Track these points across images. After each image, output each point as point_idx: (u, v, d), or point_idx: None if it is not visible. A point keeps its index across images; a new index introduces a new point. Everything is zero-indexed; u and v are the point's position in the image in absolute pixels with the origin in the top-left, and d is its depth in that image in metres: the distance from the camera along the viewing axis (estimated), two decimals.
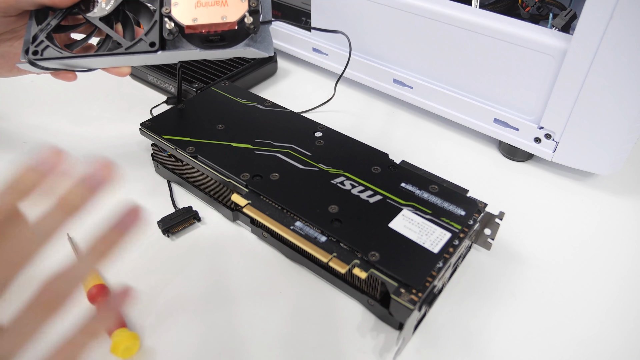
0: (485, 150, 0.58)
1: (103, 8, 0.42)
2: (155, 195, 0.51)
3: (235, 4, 0.39)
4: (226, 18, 0.39)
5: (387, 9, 0.57)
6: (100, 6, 0.42)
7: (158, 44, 0.40)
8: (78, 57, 0.41)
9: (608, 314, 0.40)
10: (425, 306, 0.37)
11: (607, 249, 0.46)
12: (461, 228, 0.39)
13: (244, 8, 0.39)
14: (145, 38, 0.41)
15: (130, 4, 0.43)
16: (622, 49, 0.43)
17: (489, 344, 0.38)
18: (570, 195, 0.52)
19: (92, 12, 0.42)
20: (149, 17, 0.42)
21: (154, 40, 0.40)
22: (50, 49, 0.41)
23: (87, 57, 0.41)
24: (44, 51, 0.41)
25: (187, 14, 0.39)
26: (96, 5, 0.42)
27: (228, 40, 0.41)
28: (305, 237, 0.39)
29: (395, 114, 0.64)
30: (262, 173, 0.44)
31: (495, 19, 0.51)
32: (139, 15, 0.43)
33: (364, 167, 0.45)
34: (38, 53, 0.41)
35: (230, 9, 0.39)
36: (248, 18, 0.39)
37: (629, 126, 0.46)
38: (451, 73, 0.56)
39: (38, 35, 0.41)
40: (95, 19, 0.42)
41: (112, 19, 0.43)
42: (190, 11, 0.39)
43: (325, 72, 0.71)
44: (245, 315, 0.40)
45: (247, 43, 0.41)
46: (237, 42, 0.41)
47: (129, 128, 0.59)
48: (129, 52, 0.41)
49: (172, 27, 0.39)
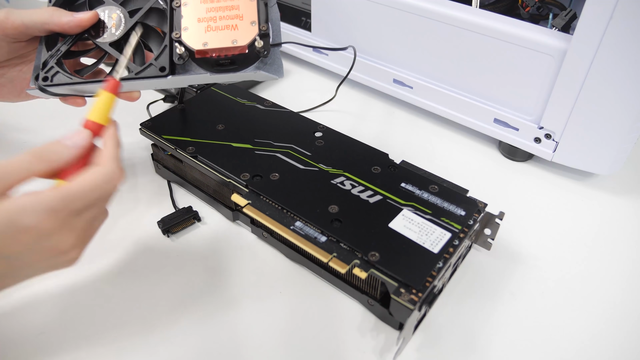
0: (485, 150, 0.58)
1: (113, 33, 0.42)
2: (155, 195, 0.51)
3: (245, 28, 0.39)
4: (237, 42, 0.39)
5: (387, 9, 0.57)
6: (110, 31, 0.42)
7: (168, 68, 0.40)
8: (88, 82, 0.41)
9: (608, 314, 0.40)
10: (425, 306, 0.37)
11: (607, 248, 0.46)
12: (461, 228, 0.39)
13: (254, 32, 0.39)
14: (155, 63, 0.41)
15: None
16: (622, 49, 0.43)
17: (489, 344, 0.38)
18: (570, 195, 0.52)
19: (101, 37, 0.42)
20: (159, 41, 0.42)
21: (164, 64, 0.40)
22: (60, 74, 0.41)
23: (97, 82, 0.41)
24: (53, 77, 0.41)
25: (197, 38, 0.39)
26: (106, 30, 0.42)
27: (238, 63, 0.40)
28: (305, 237, 0.39)
29: (395, 114, 0.64)
30: (262, 173, 0.44)
31: (495, 19, 0.51)
32: (149, 39, 0.43)
33: (364, 167, 0.45)
34: (48, 79, 0.41)
35: (240, 32, 0.39)
36: (259, 42, 0.39)
37: (629, 126, 0.46)
38: (451, 73, 0.56)
39: (48, 61, 0.41)
40: (105, 45, 0.42)
41: (122, 43, 0.42)
42: (201, 35, 0.39)
43: (325, 72, 0.71)
44: (245, 315, 0.40)
45: (258, 66, 0.40)
46: (247, 65, 0.41)
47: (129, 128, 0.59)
48: (139, 77, 0.41)
49: (183, 52, 0.39)
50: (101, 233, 0.46)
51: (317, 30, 0.67)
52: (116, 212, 0.48)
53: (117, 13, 0.42)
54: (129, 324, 0.39)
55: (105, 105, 0.36)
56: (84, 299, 0.41)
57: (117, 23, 0.42)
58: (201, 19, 0.40)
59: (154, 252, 0.45)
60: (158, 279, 0.42)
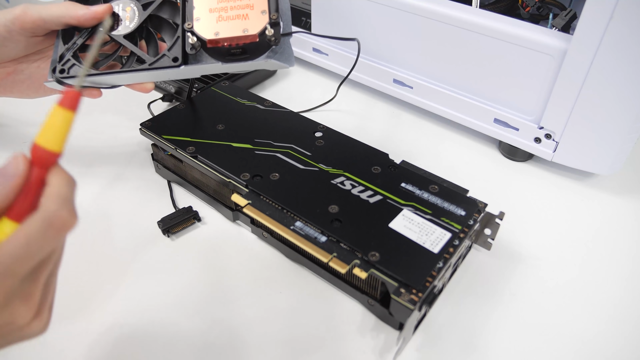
0: (485, 150, 0.58)
1: (127, 26, 0.43)
2: (155, 195, 0.51)
3: (256, 17, 0.40)
4: (247, 31, 0.39)
5: (387, 9, 0.57)
6: (124, 24, 0.43)
7: (181, 58, 0.41)
8: (103, 74, 0.42)
9: (608, 314, 0.40)
10: (425, 306, 0.37)
11: (607, 248, 0.46)
12: (461, 228, 0.39)
13: (265, 20, 0.40)
14: (168, 53, 0.41)
15: (153, 21, 0.44)
16: (622, 49, 0.43)
17: (489, 344, 0.38)
18: (570, 195, 0.52)
19: (116, 30, 0.43)
20: (171, 32, 0.43)
21: (177, 55, 0.41)
22: (77, 67, 0.42)
23: (112, 74, 0.42)
24: (70, 69, 0.42)
25: (209, 28, 0.40)
26: (120, 23, 0.43)
27: (249, 53, 0.41)
28: (305, 237, 0.39)
29: (395, 114, 0.64)
30: (262, 173, 0.44)
31: (495, 19, 0.51)
32: (162, 31, 0.44)
33: (364, 167, 0.45)
34: (65, 71, 0.42)
35: (251, 22, 0.40)
36: (269, 30, 0.39)
37: (629, 126, 0.46)
38: (451, 73, 0.56)
39: (65, 54, 0.43)
40: (120, 37, 0.43)
41: (137, 36, 0.44)
42: (212, 25, 0.40)
43: (326, 72, 0.71)
44: (245, 315, 0.40)
45: (269, 55, 0.41)
46: (258, 55, 0.41)
47: (129, 128, 0.59)
48: (152, 68, 0.41)
49: (195, 42, 0.40)
50: (101, 233, 0.47)
51: (317, 30, 0.67)
52: (116, 212, 0.48)
53: (130, 6, 0.43)
54: (129, 324, 0.39)
55: (60, 125, 0.27)
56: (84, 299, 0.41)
57: (131, 15, 0.43)
58: (212, 9, 0.40)
59: (154, 252, 0.45)
60: (158, 279, 0.42)
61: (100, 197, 0.50)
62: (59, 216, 0.26)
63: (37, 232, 0.25)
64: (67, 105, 0.27)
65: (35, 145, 0.27)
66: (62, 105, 0.27)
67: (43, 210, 0.26)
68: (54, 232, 0.26)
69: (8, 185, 0.26)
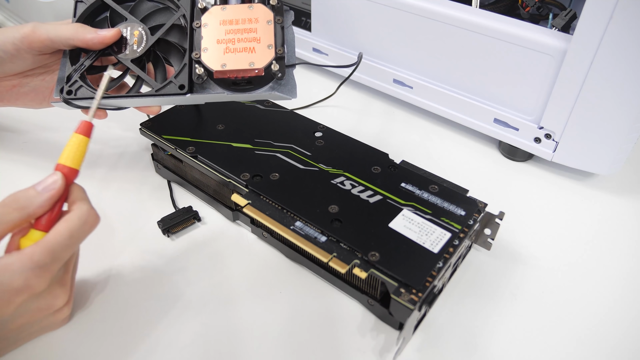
0: (485, 150, 0.58)
1: (135, 50, 0.43)
2: (155, 195, 0.51)
3: (262, 51, 0.40)
4: (254, 64, 0.40)
5: (387, 9, 0.57)
6: (132, 48, 0.43)
7: (187, 87, 0.41)
8: (110, 97, 0.42)
9: (608, 314, 0.40)
10: (425, 306, 0.37)
11: (607, 248, 0.46)
12: (461, 228, 0.39)
13: (271, 55, 0.40)
14: (175, 80, 0.42)
15: (161, 45, 0.44)
16: (622, 49, 0.43)
17: (489, 344, 0.38)
18: (570, 195, 0.52)
19: (124, 53, 0.43)
20: (179, 56, 0.43)
21: (184, 83, 0.41)
22: (84, 89, 0.42)
23: (119, 97, 0.43)
24: (77, 91, 0.42)
25: (216, 59, 0.40)
26: (128, 47, 0.43)
27: (254, 84, 0.41)
28: (305, 237, 0.39)
29: (395, 113, 0.64)
30: (262, 173, 0.44)
31: (495, 19, 0.51)
32: (170, 54, 0.44)
33: (364, 167, 0.45)
34: (72, 93, 0.42)
35: (257, 55, 0.40)
36: (275, 65, 0.40)
37: (629, 126, 0.46)
38: (451, 73, 0.56)
39: (72, 75, 0.43)
40: (127, 61, 0.43)
41: (144, 59, 0.44)
42: (219, 57, 0.40)
43: (326, 72, 0.71)
44: (245, 315, 0.40)
45: (272, 87, 0.42)
46: (262, 85, 0.42)
47: (129, 128, 0.59)
48: (159, 94, 0.42)
49: (202, 72, 0.40)
50: (101, 233, 0.47)
51: (317, 30, 0.67)
52: (116, 212, 0.48)
53: (139, 30, 0.43)
54: (128, 324, 0.39)
55: (78, 148, 0.36)
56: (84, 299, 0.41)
57: (138, 40, 0.43)
58: (220, 40, 0.41)
59: (154, 252, 0.45)
60: (158, 279, 0.42)
61: (100, 197, 0.50)
62: (92, 214, 0.33)
63: (77, 225, 0.32)
64: (83, 132, 0.36)
65: (59, 165, 0.35)
66: (79, 132, 0.36)
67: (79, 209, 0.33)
68: (88, 227, 0.33)
69: (46, 196, 0.32)
